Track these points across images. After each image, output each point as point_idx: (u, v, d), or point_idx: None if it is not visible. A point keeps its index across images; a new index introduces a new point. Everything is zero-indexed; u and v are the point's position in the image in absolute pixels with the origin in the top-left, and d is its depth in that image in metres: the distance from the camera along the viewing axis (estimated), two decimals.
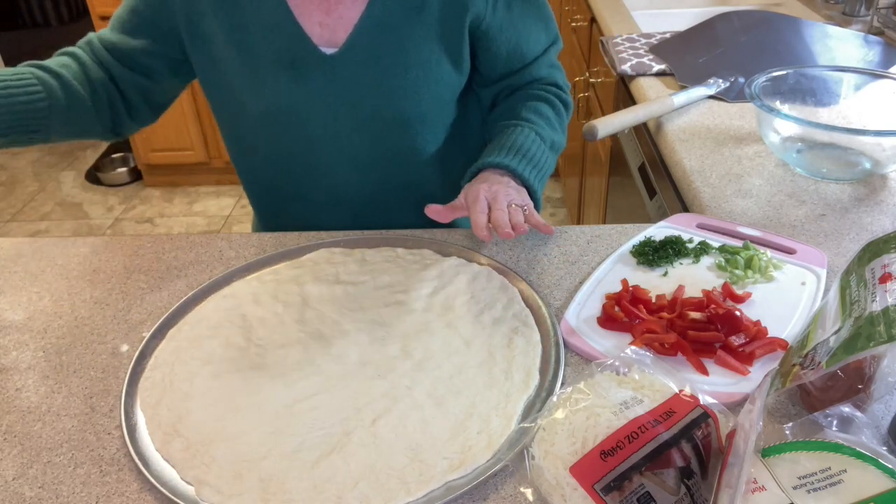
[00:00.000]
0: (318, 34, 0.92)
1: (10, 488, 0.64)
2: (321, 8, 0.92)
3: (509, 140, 0.93)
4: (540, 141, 0.94)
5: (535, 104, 1.00)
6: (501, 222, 0.81)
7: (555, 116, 1.01)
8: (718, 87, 1.31)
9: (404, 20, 0.92)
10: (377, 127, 0.99)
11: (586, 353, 0.74)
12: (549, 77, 1.04)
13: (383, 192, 1.05)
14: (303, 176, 1.04)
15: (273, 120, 0.98)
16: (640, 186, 1.43)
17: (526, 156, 0.91)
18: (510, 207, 0.84)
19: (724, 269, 0.85)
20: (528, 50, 1.01)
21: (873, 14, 1.63)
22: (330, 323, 0.80)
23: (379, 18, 0.91)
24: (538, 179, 0.92)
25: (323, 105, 0.96)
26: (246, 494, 0.61)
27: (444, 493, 0.60)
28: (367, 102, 0.96)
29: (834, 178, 1.04)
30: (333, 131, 0.99)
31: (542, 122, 0.97)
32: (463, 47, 0.96)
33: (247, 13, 0.91)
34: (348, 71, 0.94)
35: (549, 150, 0.96)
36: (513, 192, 0.86)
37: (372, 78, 0.94)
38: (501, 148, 0.92)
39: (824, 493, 0.50)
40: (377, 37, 0.92)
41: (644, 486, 0.54)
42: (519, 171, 0.90)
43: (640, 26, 1.75)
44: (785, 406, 0.67)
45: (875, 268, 0.59)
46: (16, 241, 1.01)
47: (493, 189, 0.86)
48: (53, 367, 0.77)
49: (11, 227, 3.20)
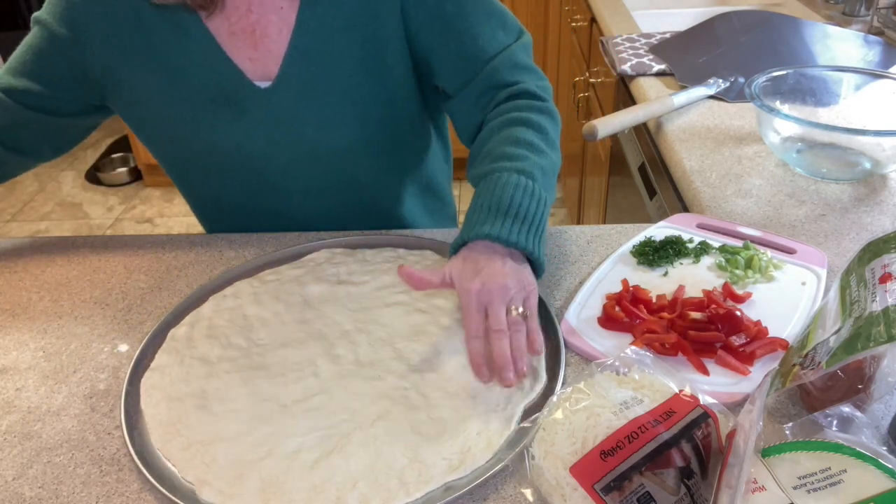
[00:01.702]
0: (250, 69, 0.90)
1: (10, 488, 0.64)
2: (248, 43, 0.89)
3: (492, 197, 0.77)
4: (527, 182, 0.78)
5: (511, 132, 0.84)
6: (503, 360, 0.68)
7: (538, 137, 0.85)
8: (718, 87, 1.31)
9: (332, 46, 0.89)
10: (323, 156, 0.96)
11: (587, 353, 0.74)
12: (517, 84, 0.90)
13: (341, 214, 1.03)
14: (253, 204, 1.02)
15: (216, 156, 0.96)
16: (640, 186, 1.43)
17: (517, 215, 0.76)
18: (510, 317, 0.71)
19: (724, 269, 0.85)
20: (481, 50, 0.89)
21: (873, 14, 1.63)
22: (331, 323, 0.80)
23: (306, 47, 0.88)
24: (535, 238, 0.76)
25: (265, 139, 0.94)
26: (247, 494, 0.61)
27: (444, 493, 0.60)
28: (309, 133, 0.93)
29: (834, 178, 1.04)
30: (279, 164, 0.96)
31: (524, 152, 0.82)
32: (399, 65, 0.91)
33: (174, 53, 0.89)
34: (285, 103, 0.91)
35: (541, 186, 0.79)
36: (510, 285, 0.72)
37: (308, 108, 0.92)
38: (484, 210, 0.76)
39: (824, 493, 0.50)
40: (307, 66, 0.89)
41: (644, 486, 0.54)
42: (512, 240, 0.74)
43: (640, 26, 1.75)
44: (785, 406, 0.67)
45: (875, 268, 0.59)
46: (16, 241, 1.01)
47: (487, 288, 0.71)
48: (53, 367, 0.77)
49: (11, 227, 3.20)
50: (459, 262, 0.75)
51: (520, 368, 0.68)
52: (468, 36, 0.88)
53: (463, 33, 0.88)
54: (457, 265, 0.75)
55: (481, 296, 0.71)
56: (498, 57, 0.89)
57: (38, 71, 0.91)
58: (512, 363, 0.68)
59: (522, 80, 0.90)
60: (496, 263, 0.73)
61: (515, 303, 0.72)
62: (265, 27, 0.89)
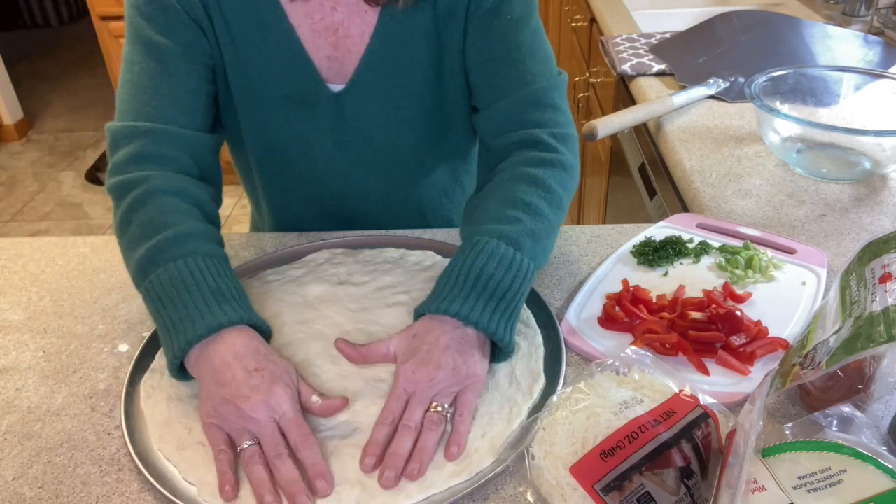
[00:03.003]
0: (325, 68, 0.90)
1: (10, 488, 0.64)
2: (329, 42, 0.88)
3: (463, 266, 0.71)
4: (507, 250, 0.72)
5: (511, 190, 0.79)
6: (393, 458, 0.61)
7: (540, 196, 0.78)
8: (718, 87, 1.31)
9: (406, 52, 0.89)
10: (387, 159, 0.97)
11: (587, 354, 0.74)
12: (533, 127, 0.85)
13: (397, 216, 1.04)
14: (311, 207, 1.03)
15: (280, 155, 0.97)
16: (640, 186, 1.43)
17: (485, 289, 0.70)
18: (428, 414, 0.64)
19: (724, 269, 0.85)
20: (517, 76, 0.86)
21: (873, 14, 1.63)
22: (331, 324, 0.79)
23: (382, 52, 0.88)
24: (502, 318, 0.70)
25: (333, 141, 0.95)
26: (247, 495, 0.61)
27: (447, 495, 0.60)
28: (376, 136, 0.94)
29: (834, 178, 1.04)
30: (341, 165, 0.97)
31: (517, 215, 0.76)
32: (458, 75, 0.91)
33: (253, 47, 0.88)
34: (356, 106, 0.92)
35: (526, 254, 0.73)
36: (440, 378, 0.66)
37: (379, 112, 0.92)
38: (451, 280, 0.71)
39: (824, 493, 0.50)
40: (381, 70, 0.90)
41: (644, 486, 0.54)
42: (472, 319, 0.68)
43: (640, 26, 1.75)
44: (785, 406, 0.67)
45: (875, 268, 0.59)
46: (16, 241, 1.01)
47: (416, 377, 0.66)
48: (53, 367, 0.77)
49: (11, 227, 3.20)
50: (407, 339, 0.71)
51: (408, 471, 0.61)
52: (506, 61, 0.87)
53: (503, 57, 0.87)
54: (403, 341, 0.71)
55: (408, 383, 0.66)
56: (530, 89, 0.86)
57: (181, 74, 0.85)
58: (402, 463, 0.61)
59: (544, 122, 0.86)
60: (438, 348, 0.67)
61: (441, 399, 0.65)
62: (349, 28, 0.88)
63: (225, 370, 0.65)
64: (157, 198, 0.77)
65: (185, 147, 0.84)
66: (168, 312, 0.69)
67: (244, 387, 0.64)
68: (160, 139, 0.81)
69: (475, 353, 0.69)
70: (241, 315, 0.69)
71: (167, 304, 0.69)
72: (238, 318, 0.68)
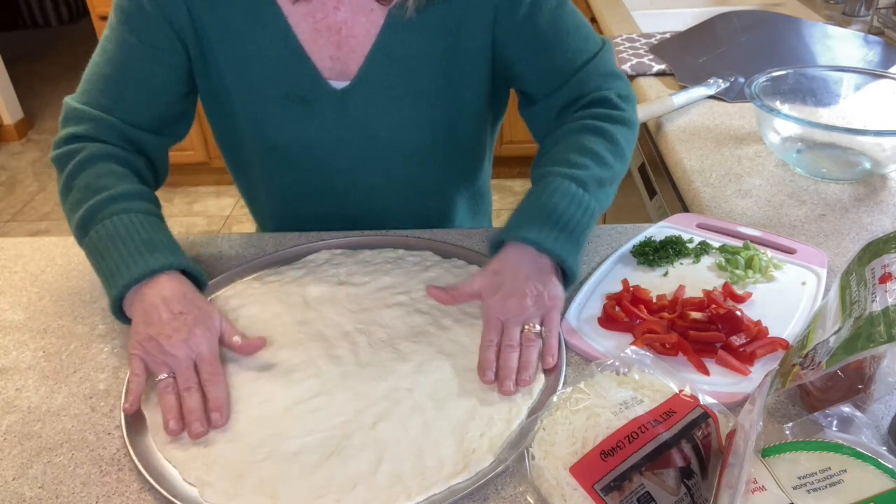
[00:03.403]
0: (328, 68, 0.90)
1: (10, 488, 0.64)
2: (331, 41, 0.88)
3: (538, 200, 0.79)
4: (577, 190, 0.80)
5: (580, 139, 0.86)
6: (507, 371, 0.70)
7: (606, 147, 0.85)
8: (718, 87, 1.31)
9: (415, 50, 0.89)
10: (389, 158, 0.97)
11: (587, 354, 0.74)
12: (598, 91, 0.90)
13: (398, 216, 1.04)
14: (312, 205, 1.03)
15: (281, 154, 0.96)
16: (640, 186, 1.43)
17: (558, 221, 0.77)
18: (524, 334, 0.73)
19: (724, 269, 0.85)
20: (570, 61, 0.90)
21: (873, 14, 1.63)
22: (331, 324, 0.79)
23: (389, 50, 0.88)
24: (572, 247, 0.78)
25: (335, 139, 0.94)
26: (247, 496, 0.61)
27: (447, 495, 0.60)
28: (380, 134, 0.94)
29: (834, 178, 1.04)
30: (345, 164, 0.97)
31: (586, 161, 0.83)
32: (476, 73, 0.92)
33: (250, 46, 0.88)
34: (360, 104, 0.92)
35: (592, 196, 0.81)
36: (528, 304, 0.74)
37: (383, 110, 0.92)
38: (527, 213, 0.79)
39: (824, 493, 0.50)
40: (388, 67, 0.89)
41: (644, 486, 0.54)
42: (547, 246, 0.76)
43: (640, 26, 1.75)
44: (785, 406, 0.67)
45: (875, 268, 0.59)
46: (16, 241, 1.01)
47: (506, 305, 0.74)
48: (53, 367, 0.77)
49: (11, 227, 3.20)
50: (488, 277, 0.77)
51: (521, 379, 0.70)
52: (559, 47, 0.89)
53: (554, 44, 0.89)
54: (486, 279, 0.77)
55: (500, 312, 0.74)
56: (586, 67, 0.90)
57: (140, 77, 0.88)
58: (514, 374, 0.70)
59: (607, 86, 0.91)
60: (520, 279, 0.75)
61: (532, 321, 0.74)
62: (352, 27, 0.88)
63: (152, 311, 0.72)
64: (94, 164, 0.84)
65: (127, 141, 0.89)
66: (105, 263, 0.76)
67: (167, 327, 0.71)
68: (103, 128, 0.87)
69: (552, 278, 0.77)
70: (172, 261, 0.76)
71: (105, 255, 0.77)
72: (168, 264, 0.76)
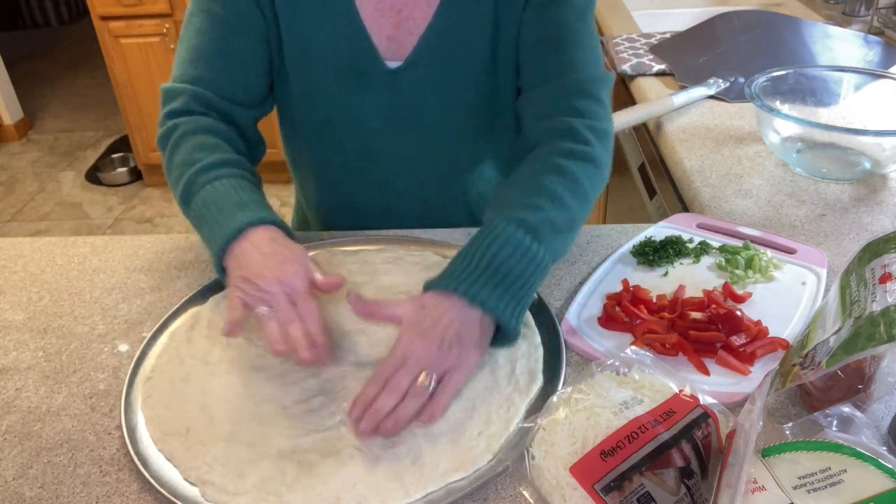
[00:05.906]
0: (384, 47, 0.92)
1: (10, 488, 0.64)
2: (391, 21, 0.91)
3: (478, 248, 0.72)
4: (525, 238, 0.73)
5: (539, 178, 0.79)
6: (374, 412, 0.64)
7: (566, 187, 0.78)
8: (718, 87, 1.31)
9: (466, 34, 0.90)
10: (438, 139, 0.98)
11: (587, 354, 0.74)
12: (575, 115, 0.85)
13: (438, 200, 1.04)
14: (354, 193, 1.04)
15: (329, 132, 0.98)
16: (640, 186, 1.43)
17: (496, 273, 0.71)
18: (416, 384, 0.66)
19: (724, 269, 0.85)
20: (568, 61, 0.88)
21: (873, 14, 1.63)
22: (331, 324, 0.79)
23: (443, 33, 0.90)
24: (510, 303, 0.71)
25: (383, 118, 0.96)
26: (248, 494, 0.61)
27: (444, 494, 0.60)
28: (427, 116, 0.96)
29: (834, 178, 1.04)
30: (390, 143, 0.98)
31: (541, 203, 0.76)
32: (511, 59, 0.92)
33: (313, 22, 0.90)
34: (410, 84, 0.93)
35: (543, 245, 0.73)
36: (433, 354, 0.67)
37: (433, 92, 0.94)
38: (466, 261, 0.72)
39: (824, 493, 0.50)
40: (439, 51, 0.91)
41: (644, 486, 0.54)
42: (479, 300, 0.69)
43: (640, 26, 1.75)
44: (785, 406, 0.67)
45: (875, 268, 0.59)
46: (16, 241, 1.01)
47: (413, 346, 0.68)
48: (53, 367, 0.77)
49: (11, 227, 3.20)
50: (415, 308, 0.71)
51: (384, 427, 0.64)
52: (563, 44, 0.88)
53: (558, 40, 0.88)
54: (411, 309, 0.71)
55: (406, 349, 0.68)
56: (577, 76, 0.87)
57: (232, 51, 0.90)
58: (379, 417, 0.64)
59: (585, 112, 0.85)
60: (440, 324, 0.69)
61: (431, 369, 0.67)
62: (413, 8, 0.90)
63: (242, 256, 0.75)
64: (189, 139, 0.87)
65: (217, 112, 0.91)
66: (203, 231, 0.81)
67: (258, 266, 0.73)
68: (195, 100, 0.90)
69: (475, 336, 0.70)
70: (260, 216, 0.79)
71: (203, 223, 0.81)
72: (257, 219, 0.78)
